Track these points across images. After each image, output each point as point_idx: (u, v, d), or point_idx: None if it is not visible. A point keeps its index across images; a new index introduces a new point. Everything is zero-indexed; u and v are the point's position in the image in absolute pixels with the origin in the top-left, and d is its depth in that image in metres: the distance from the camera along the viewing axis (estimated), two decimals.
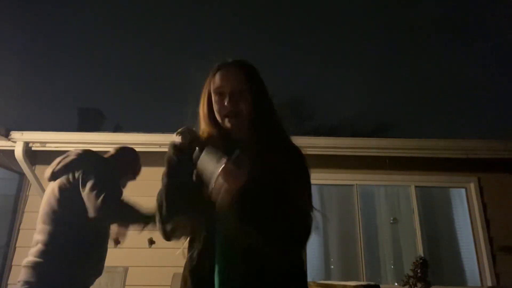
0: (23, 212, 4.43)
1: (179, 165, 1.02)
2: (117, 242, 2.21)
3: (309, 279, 4.17)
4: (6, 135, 4.32)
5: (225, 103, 1.06)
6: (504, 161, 4.51)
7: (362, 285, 1.84)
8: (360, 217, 4.56)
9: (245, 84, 1.08)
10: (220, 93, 1.08)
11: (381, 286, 4.26)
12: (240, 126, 1.08)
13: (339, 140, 4.81)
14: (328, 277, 4.38)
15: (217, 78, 1.09)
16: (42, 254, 1.81)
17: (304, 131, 14.72)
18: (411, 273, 1.11)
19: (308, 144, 4.68)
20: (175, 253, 1.16)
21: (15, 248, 4.29)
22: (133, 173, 2.31)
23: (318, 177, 4.67)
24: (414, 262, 1.17)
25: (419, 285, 1.03)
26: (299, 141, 4.58)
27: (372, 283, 1.92)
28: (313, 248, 4.49)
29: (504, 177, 4.52)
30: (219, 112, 1.08)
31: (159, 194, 1.01)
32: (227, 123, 1.07)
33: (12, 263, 4.24)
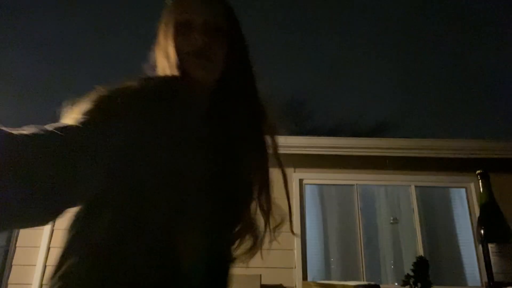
0: None
1: None
2: None
3: (309, 278, 4.17)
4: None
5: (195, 36, 0.77)
6: (505, 161, 4.51)
7: (362, 285, 1.84)
8: (360, 217, 4.57)
9: (224, 20, 0.82)
10: (186, 23, 0.79)
11: (381, 286, 4.26)
12: (206, 76, 0.79)
13: (339, 140, 4.81)
14: (328, 277, 4.38)
15: (186, 3, 0.82)
16: None
17: (305, 131, 14.74)
18: (411, 273, 1.11)
19: (309, 144, 4.69)
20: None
21: (15, 248, 4.29)
22: None
23: (318, 177, 4.68)
24: (414, 262, 1.17)
25: (419, 285, 1.03)
26: (299, 140, 4.61)
27: (372, 283, 1.92)
28: (313, 247, 4.49)
29: (505, 177, 4.52)
30: (181, 48, 0.77)
31: None
32: (191, 64, 0.77)
33: (12, 263, 4.24)
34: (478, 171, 1.22)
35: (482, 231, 1.16)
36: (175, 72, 0.78)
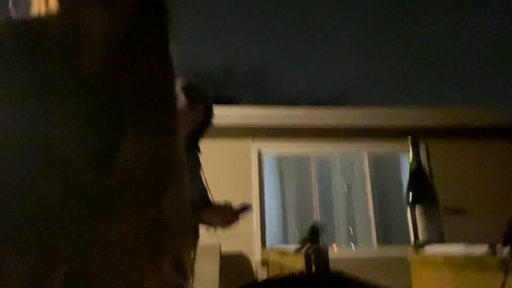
0: None
1: None
2: None
3: (267, 244, 4.32)
4: None
5: None
6: (450, 129, 4.81)
7: (311, 249, 1.95)
8: (316, 185, 4.73)
9: None
10: None
11: (335, 246, 4.51)
12: (105, 26, 0.57)
13: (297, 110, 4.88)
14: (286, 242, 4.56)
15: None
16: None
17: (267, 101, 14.78)
18: (308, 236, 1.20)
19: (266, 114, 4.73)
20: None
21: None
22: None
23: (276, 147, 4.76)
24: (309, 228, 1.28)
25: (312, 248, 1.14)
26: (257, 112, 4.61)
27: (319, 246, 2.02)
28: (271, 215, 4.63)
29: (449, 144, 4.82)
30: None
31: None
32: (83, 8, 0.54)
33: None
34: (409, 138, 1.28)
35: (410, 194, 1.23)
36: (57, 18, 0.54)
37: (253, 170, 4.55)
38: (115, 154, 0.55)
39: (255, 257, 4.23)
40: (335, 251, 4.47)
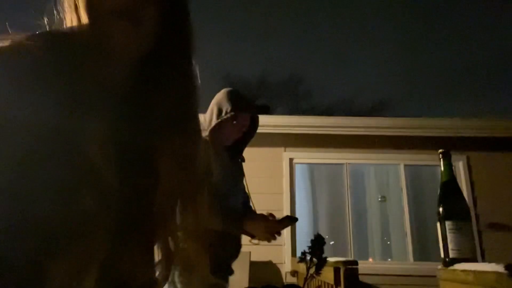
0: None
1: None
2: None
3: (298, 255, 4.27)
4: None
5: None
6: (492, 140, 4.54)
7: (341, 261, 1.92)
8: (349, 195, 4.63)
9: None
10: None
11: (366, 261, 4.37)
12: (130, 44, 0.60)
13: (329, 119, 4.83)
14: None
15: None
16: None
17: (302, 109, 14.72)
18: (308, 250, 1.16)
19: (299, 123, 4.71)
20: None
21: None
22: None
23: (308, 156, 4.72)
24: (311, 240, 1.23)
25: (315, 261, 1.09)
26: (290, 120, 4.64)
27: (350, 259, 1.99)
28: (302, 225, 4.57)
29: (492, 156, 4.57)
30: (97, 3, 0.57)
31: None
32: (110, 27, 0.57)
33: None
34: (440, 151, 1.24)
35: (440, 209, 1.19)
36: (87, 33, 0.58)
37: (285, 179, 4.53)
38: (146, 166, 0.58)
39: (285, 267, 4.19)
40: (368, 264, 4.34)
